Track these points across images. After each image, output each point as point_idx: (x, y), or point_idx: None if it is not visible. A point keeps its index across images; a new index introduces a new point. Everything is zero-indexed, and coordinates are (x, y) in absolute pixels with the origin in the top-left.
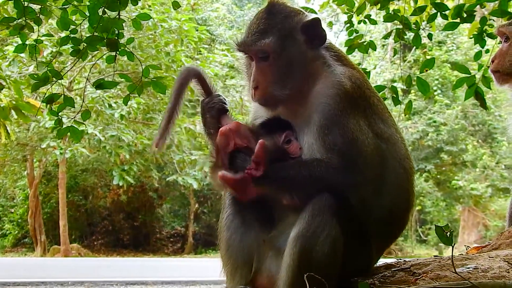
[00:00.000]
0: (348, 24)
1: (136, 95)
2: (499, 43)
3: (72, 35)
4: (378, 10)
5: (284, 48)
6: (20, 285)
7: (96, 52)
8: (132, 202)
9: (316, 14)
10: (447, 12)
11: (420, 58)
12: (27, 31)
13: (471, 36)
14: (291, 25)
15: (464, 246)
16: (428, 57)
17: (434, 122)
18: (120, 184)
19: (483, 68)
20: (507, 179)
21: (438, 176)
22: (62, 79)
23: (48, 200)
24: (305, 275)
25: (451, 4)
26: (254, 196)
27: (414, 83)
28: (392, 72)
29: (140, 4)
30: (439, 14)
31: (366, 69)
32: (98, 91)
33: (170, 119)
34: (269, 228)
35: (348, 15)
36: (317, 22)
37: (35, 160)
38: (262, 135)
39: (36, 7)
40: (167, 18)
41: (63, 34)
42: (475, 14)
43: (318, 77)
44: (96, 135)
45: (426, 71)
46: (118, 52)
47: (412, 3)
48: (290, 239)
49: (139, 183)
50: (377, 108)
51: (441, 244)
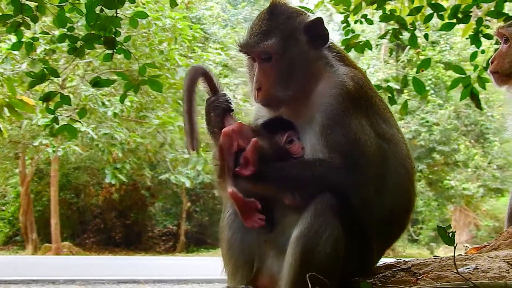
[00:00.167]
0: (344, 24)
1: (131, 94)
2: (495, 44)
3: (69, 33)
4: (375, 10)
5: (287, 49)
6: (12, 283)
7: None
8: (124, 201)
9: (313, 14)
10: (443, 13)
11: (413, 58)
12: (23, 28)
13: (467, 36)
14: (293, 25)
15: (464, 246)
16: (421, 57)
17: (427, 122)
18: (113, 182)
19: (478, 69)
20: (499, 179)
21: (430, 176)
22: (59, 77)
23: (39, 198)
24: (307, 275)
25: (445, 5)
26: (257, 225)
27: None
28: (386, 71)
29: (134, 2)
30: (435, 14)
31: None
32: (91, 89)
33: (191, 120)
34: (270, 228)
35: (345, 14)
36: (319, 22)
37: (27, 158)
38: (264, 135)
39: (32, 4)
40: (161, 16)
41: (57, 32)
42: (471, 14)
43: (320, 77)
44: (88, 133)
45: (422, 71)
46: (115, 50)
47: (407, 4)
48: (292, 239)
49: (132, 181)
50: (378, 108)
51: (432, 243)
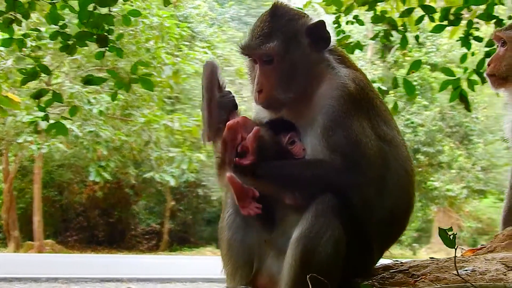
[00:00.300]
0: (336, 25)
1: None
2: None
3: (61, 30)
4: (366, 11)
5: (288, 52)
6: None
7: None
8: (108, 199)
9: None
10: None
11: (399, 59)
12: (15, 25)
13: (455, 38)
14: (295, 28)
15: (460, 248)
16: (408, 58)
17: (412, 123)
18: (97, 180)
19: (468, 71)
20: (482, 181)
21: None
22: (51, 74)
23: (22, 195)
24: (307, 276)
25: (434, 6)
26: (255, 213)
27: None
28: (372, 72)
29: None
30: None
31: None
32: (77, 86)
33: (211, 111)
34: (270, 228)
35: (336, 15)
36: (322, 24)
37: (10, 154)
38: (268, 130)
39: (24, 1)
40: (148, 14)
41: (44, 29)
42: (461, 17)
43: (322, 79)
44: (73, 130)
45: (413, 72)
46: (107, 48)
47: (395, 5)
48: (292, 240)
49: (116, 179)
50: (379, 110)
51: (414, 244)
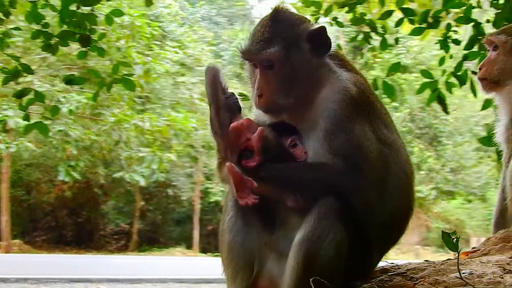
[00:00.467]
0: None
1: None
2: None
3: (44, 29)
4: (346, 13)
5: (289, 57)
6: None
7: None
8: (77, 198)
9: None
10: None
11: (369, 60)
12: None
13: (436, 41)
14: (296, 33)
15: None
16: (377, 60)
17: None
18: (66, 179)
19: (446, 73)
20: (451, 182)
21: None
22: (33, 73)
23: None
24: (310, 279)
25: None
26: (252, 203)
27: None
28: None
29: None
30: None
31: None
32: (46, 85)
33: (219, 114)
34: (271, 230)
35: (315, 17)
36: (323, 30)
37: None
38: (271, 132)
39: None
40: None
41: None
42: (440, 20)
43: (323, 83)
44: None
45: (392, 75)
46: (89, 48)
47: (375, 10)
48: (295, 243)
49: (85, 179)
50: (380, 113)
51: None
